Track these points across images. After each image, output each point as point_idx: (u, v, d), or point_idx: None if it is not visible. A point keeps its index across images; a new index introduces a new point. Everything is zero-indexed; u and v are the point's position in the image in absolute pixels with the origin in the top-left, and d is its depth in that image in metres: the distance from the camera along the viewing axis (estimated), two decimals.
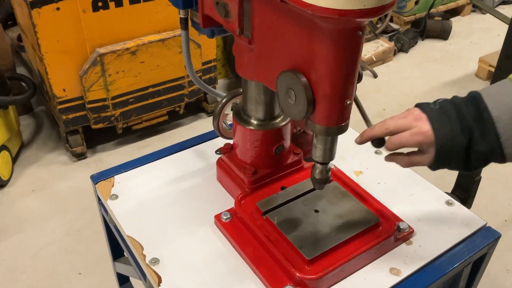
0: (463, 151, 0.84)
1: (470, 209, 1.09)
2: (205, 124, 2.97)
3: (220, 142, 1.20)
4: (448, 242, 1.00)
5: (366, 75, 3.53)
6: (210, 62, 2.84)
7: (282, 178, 1.11)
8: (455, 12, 4.44)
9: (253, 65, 0.92)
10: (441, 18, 4.09)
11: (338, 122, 0.81)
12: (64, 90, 2.43)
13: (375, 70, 3.57)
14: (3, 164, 2.45)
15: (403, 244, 1.00)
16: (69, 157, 2.69)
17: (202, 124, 2.98)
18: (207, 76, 2.87)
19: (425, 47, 3.96)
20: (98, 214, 1.27)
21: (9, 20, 3.44)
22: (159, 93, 2.67)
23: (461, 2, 4.34)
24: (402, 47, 3.82)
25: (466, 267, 1.03)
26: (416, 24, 4.03)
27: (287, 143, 1.09)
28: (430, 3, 3.87)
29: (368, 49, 3.63)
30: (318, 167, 0.89)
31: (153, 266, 0.96)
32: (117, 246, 1.28)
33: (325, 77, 0.76)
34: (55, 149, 2.76)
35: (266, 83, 0.91)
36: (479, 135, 0.82)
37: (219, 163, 1.15)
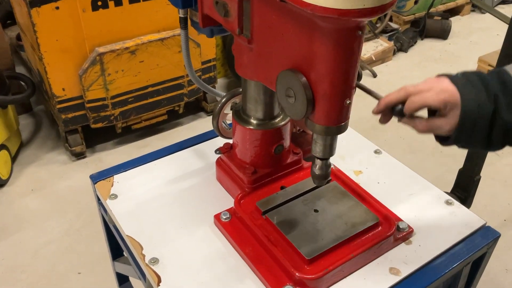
0: (488, 120, 0.79)
1: (470, 209, 1.09)
2: (205, 124, 2.97)
3: (220, 142, 1.20)
4: (448, 242, 1.00)
5: (366, 75, 3.53)
6: (210, 62, 2.84)
7: (282, 178, 1.11)
8: (455, 12, 4.44)
9: (253, 65, 0.91)
10: (441, 18, 4.09)
11: (338, 122, 0.81)
12: (64, 90, 2.42)
13: (375, 70, 3.57)
14: (2, 164, 2.45)
15: (403, 244, 1.00)
16: (68, 157, 2.68)
17: (202, 124, 2.98)
18: (207, 76, 2.87)
19: (425, 47, 3.95)
20: (98, 214, 1.27)
21: (8, 19, 3.43)
22: (159, 93, 2.67)
23: (461, 2, 4.34)
24: (402, 47, 3.82)
25: (466, 267, 1.03)
26: (416, 24, 4.03)
27: (287, 143, 1.09)
28: (430, 3, 3.87)
29: (368, 49, 3.63)
30: (318, 163, 0.89)
31: (153, 266, 0.95)
32: (117, 246, 1.28)
33: (325, 77, 0.76)
34: (55, 149, 2.76)
35: (266, 83, 0.91)
36: (506, 104, 0.78)
37: (219, 163, 1.15)
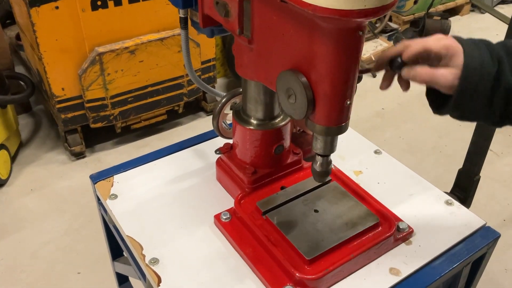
0: (491, 80, 0.77)
1: (469, 209, 1.09)
2: (204, 123, 2.97)
3: (220, 142, 1.19)
4: (448, 242, 1.00)
5: (365, 75, 3.52)
6: (209, 61, 2.83)
7: (282, 178, 1.11)
8: (454, 12, 4.43)
9: (253, 65, 0.91)
10: (440, 18, 4.09)
11: (338, 122, 0.81)
12: (63, 89, 2.42)
13: None
14: (2, 163, 2.44)
15: (403, 244, 1.00)
16: (68, 156, 2.68)
17: (201, 123, 2.98)
18: (206, 75, 2.87)
19: None
20: (97, 213, 1.27)
21: (8, 19, 3.43)
22: (158, 92, 2.67)
23: (460, 2, 4.33)
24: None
25: (466, 267, 1.03)
26: (415, 24, 4.03)
27: (287, 143, 1.09)
28: (429, 3, 3.86)
29: (367, 49, 3.63)
30: (319, 160, 0.88)
31: (153, 266, 0.95)
32: (117, 246, 1.28)
33: (325, 77, 0.75)
34: (54, 148, 2.75)
35: (266, 83, 0.91)
36: (507, 66, 0.77)
37: (219, 163, 1.15)
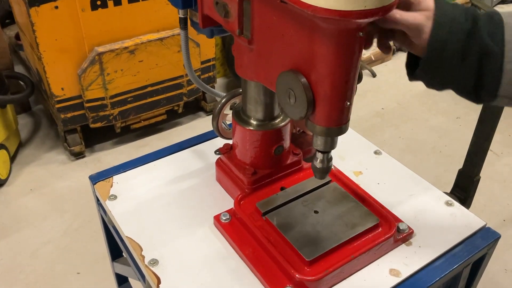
0: (464, 36, 0.73)
1: (469, 209, 1.09)
2: (204, 123, 2.97)
3: (220, 142, 1.19)
4: (448, 243, 1.00)
5: (365, 75, 3.53)
6: (209, 61, 2.83)
7: (282, 179, 1.11)
8: None
9: (253, 66, 0.91)
10: None
11: (338, 123, 0.80)
12: (63, 89, 2.42)
13: (374, 70, 3.57)
14: (1, 163, 2.44)
15: (403, 245, 1.00)
16: (67, 156, 2.68)
17: (201, 123, 2.97)
18: (206, 75, 2.87)
19: None
20: (96, 214, 1.27)
21: (7, 19, 3.43)
22: (158, 92, 2.66)
23: (460, 2, 4.34)
24: (401, 47, 3.82)
25: (466, 268, 1.03)
26: None
27: (287, 144, 1.09)
28: None
29: None
30: (319, 156, 0.86)
31: (152, 267, 0.95)
32: (116, 247, 1.27)
33: (326, 78, 0.75)
34: (53, 148, 2.75)
35: (266, 84, 0.91)
36: (484, 27, 0.72)
37: (219, 164, 1.15)
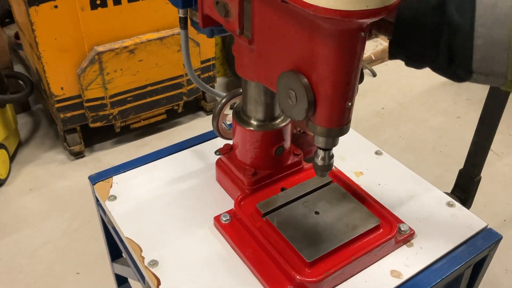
0: (431, 10, 0.71)
1: (469, 209, 1.08)
2: (204, 123, 2.97)
3: (220, 143, 1.19)
4: (449, 244, 1.00)
5: (365, 74, 3.53)
6: (209, 61, 2.83)
7: (282, 179, 1.10)
8: None
9: (253, 66, 0.90)
10: None
11: (339, 124, 0.80)
12: (62, 89, 2.41)
13: (374, 69, 3.57)
14: (1, 163, 2.43)
15: (404, 246, 1.00)
16: (67, 156, 2.67)
17: (201, 123, 2.97)
18: (206, 75, 2.86)
19: None
20: (96, 214, 1.26)
21: (7, 18, 3.43)
22: (158, 92, 2.66)
23: None
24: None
25: (467, 269, 1.03)
26: None
27: (287, 144, 1.08)
28: None
29: (367, 48, 3.62)
30: (321, 153, 0.85)
31: (152, 268, 0.95)
32: (115, 247, 1.27)
33: (327, 78, 0.75)
34: (53, 148, 2.75)
35: (266, 84, 0.90)
36: (452, 1, 0.70)
37: (219, 164, 1.14)
